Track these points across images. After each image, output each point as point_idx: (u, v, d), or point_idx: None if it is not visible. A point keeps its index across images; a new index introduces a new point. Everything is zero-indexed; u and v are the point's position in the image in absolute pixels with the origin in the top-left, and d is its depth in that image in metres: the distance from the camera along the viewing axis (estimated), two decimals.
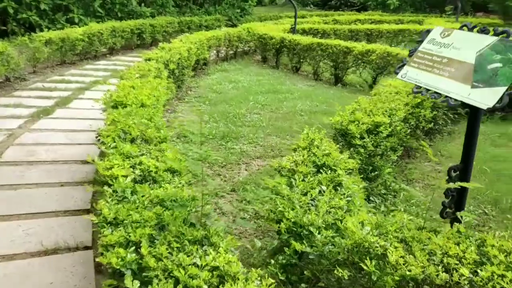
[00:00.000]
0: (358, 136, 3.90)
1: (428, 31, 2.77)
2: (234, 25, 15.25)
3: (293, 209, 2.37)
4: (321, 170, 2.98)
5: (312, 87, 8.84)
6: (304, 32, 12.22)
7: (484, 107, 2.21)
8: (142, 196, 2.29)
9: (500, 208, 4.07)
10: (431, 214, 3.58)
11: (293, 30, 11.76)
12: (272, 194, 2.81)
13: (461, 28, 2.61)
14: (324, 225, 2.24)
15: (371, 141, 3.91)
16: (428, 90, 2.53)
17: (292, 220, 2.29)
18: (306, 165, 3.03)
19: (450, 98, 2.39)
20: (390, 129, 4.11)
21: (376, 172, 4.05)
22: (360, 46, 8.46)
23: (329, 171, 2.95)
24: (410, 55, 2.79)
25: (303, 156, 3.19)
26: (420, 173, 4.80)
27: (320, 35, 12.27)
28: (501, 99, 2.17)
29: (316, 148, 3.32)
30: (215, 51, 10.75)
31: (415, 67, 2.68)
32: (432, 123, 5.38)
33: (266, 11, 23.03)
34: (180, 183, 2.59)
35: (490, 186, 4.48)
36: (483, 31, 2.46)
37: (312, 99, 7.67)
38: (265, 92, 8.00)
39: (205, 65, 9.79)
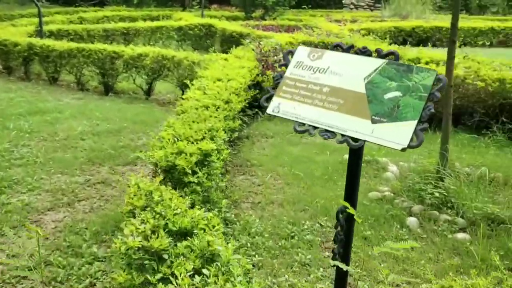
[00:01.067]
0: (190, 171, 3.25)
1: (291, 52, 2.30)
2: None
3: None
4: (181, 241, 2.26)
5: (82, 100, 7.64)
6: (52, 34, 10.61)
7: (399, 148, 1.85)
8: None
9: (331, 216, 4.00)
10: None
11: (39, 33, 10.04)
12: None
13: (334, 48, 2.21)
14: None
15: (204, 175, 3.31)
16: (315, 127, 2.06)
17: None
18: (161, 236, 2.26)
19: (349, 137, 1.97)
20: (219, 156, 3.60)
21: (214, 209, 3.48)
22: (130, 50, 7.65)
23: (196, 240, 2.25)
24: (275, 82, 2.27)
25: (148, 223, 2.39)
26: (242, 191, 4.43)
27: (72, 37, 10.84)
28: (416, 136, 1.85)
29: (160, 206, 2.55)
30: None
31: (289, 99, 2.18)
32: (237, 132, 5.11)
33: None
34: None
35: (308, 192, 4.42)
36: (364, 52, 2.10)
37: (88, 116, 6.55)
38: (26, 114, 6.50)
39: None
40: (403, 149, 1.85)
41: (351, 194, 2.28)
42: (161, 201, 2.62)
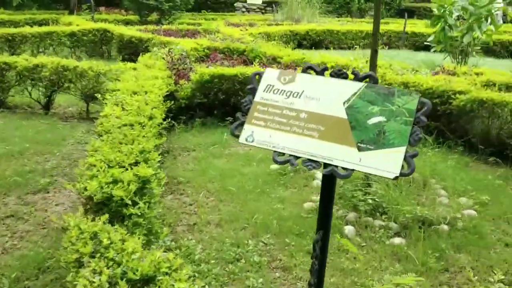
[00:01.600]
0: (130, 202, 2.94)
1: (259, 75, 2.13)
2: None
3: None
4: None
5: None
6: None
7: (391, 177, 1.79)
8: None
9: (274, 233, 3.90)
10: None
11: None
12: None
13: (305, 70, 2.09)
14: None
15: (146, 204, 3.02)
16: (296, 157, 1.93)
17: None
18: None
19: (336, 167, 1.87)
20: (158, 181, 3.31)
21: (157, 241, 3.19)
22: (24, 61, 6.87)
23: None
24: (245, 108, 2.10)
25: (103, 273, 2.08)
26: (174, 213, 4.16)
27: None
28: (407, 163, 1.80)
29: (112, 250, 2.25)
30: None
31: (263, 126, 2.02)
32: None
33: None
34: None
35: (243, 208, 4.29)
36: (340, 75, 2.01)
37: None
38: None
39: None
40: (395, 178, 1.79)
41: (325, 223, 2.17)
42: (111, 244, 2.32)
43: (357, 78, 1.97)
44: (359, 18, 24.57)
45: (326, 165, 1.88)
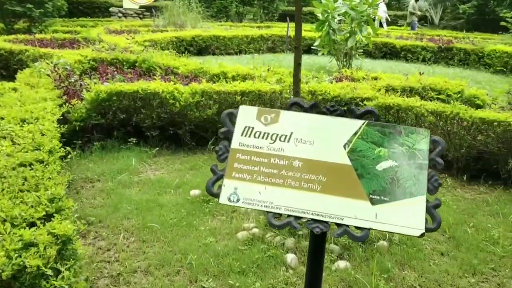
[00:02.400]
0: (50, 270, 2.32)
1: (232, 114, 1.72)
2: None
3: None
4: None
5: None
6: None
7: (417, 234, 1.51)
8: None
9: (214, 274, 3.47)
10: None
11: None
12: None
13: (290, 107, 1.73)
14: None
15: (70, 271, 2.42)
16: (298, 218, 1.57)
17: None
18: None
19: (348, 226, 1.54)
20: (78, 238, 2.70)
21: None
22: None
23: None
24: (220, 158, 1.68)
25: None
26: (91, 262, 3.53)
27: None
28: (431, 216, 1.53)
29: None
30: None
31: (249, 180, 1.62)
32: None
33: None
34: None
35: (172, 248, 3.79)
36: (333, 111, 1.69)
37: None
38: None
39: None
40: (422, 235, 1.50)
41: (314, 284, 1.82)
42: None
43: (355, 115, 1.66)
44: (238, 22, 24.75)
45: (337, 225, 1.54)
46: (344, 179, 1.60)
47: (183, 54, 10.84)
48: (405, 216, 1.55)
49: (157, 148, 5.99)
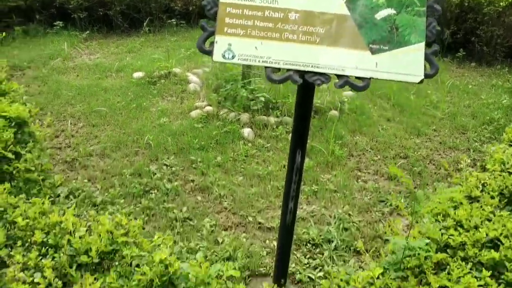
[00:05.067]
0: (12, 154, 2.16)
1: None
2: None
3: None
4: None
5: None
6: None
7: (416, 80, 1.52)
8: None
9: (174, 152, 3.43)
10: None
11: None
12: None
13: None
14: None
15: (32, 154, 2.26)
16: (299, 71, 1.51)
17: None
18: None
19: (348, 77, 1.52)
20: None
21: None
22: None
23: None
24: (209, 12, 1.53)
25: None
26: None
27: None
28: (429, 62, 1.54)
29: None
30: None
31: (243, 35, 1.51)
32: None
33: None
34: None
35: (125, 129, 3.66)
36: None
37: None
38: None
39: None
40: (421, 81, 1.52)
41: (301, 141, 1.81)
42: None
43: None
44: None
45: (338, 76, 1.50)
46: (343, 29, 1.54)
47: None
48: (404, 64, 1.54)
49: (88, 32, 5.52)
